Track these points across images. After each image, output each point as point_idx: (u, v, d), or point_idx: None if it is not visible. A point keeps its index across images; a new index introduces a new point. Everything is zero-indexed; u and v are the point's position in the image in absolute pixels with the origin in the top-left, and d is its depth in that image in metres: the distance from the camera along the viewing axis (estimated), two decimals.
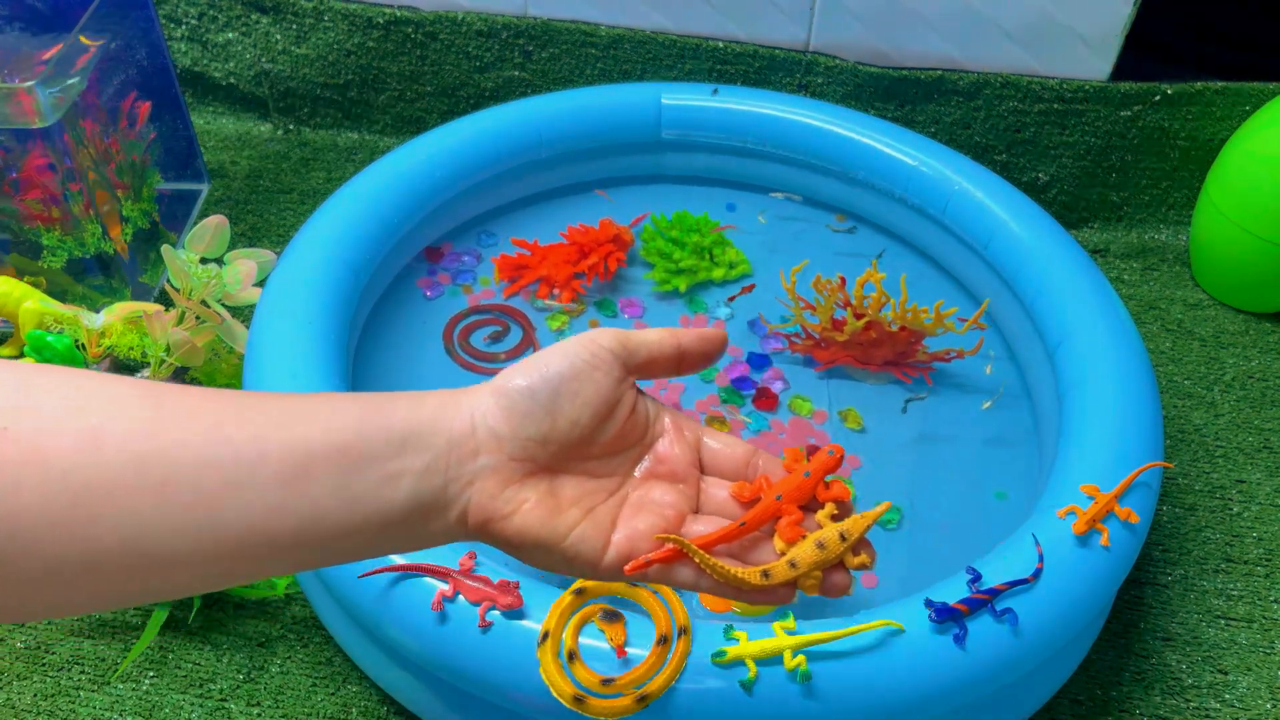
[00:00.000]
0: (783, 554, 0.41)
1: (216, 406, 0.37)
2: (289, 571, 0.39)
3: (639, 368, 0.43)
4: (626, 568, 0.41)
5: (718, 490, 0.44)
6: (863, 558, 0.42)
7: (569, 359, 0.41)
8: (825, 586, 0.41)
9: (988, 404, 0.85)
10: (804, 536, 0.41)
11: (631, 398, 0.43)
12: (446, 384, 0.65)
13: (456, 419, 0.39)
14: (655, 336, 0.43)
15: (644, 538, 0.41)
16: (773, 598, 0.42)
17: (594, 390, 0.41)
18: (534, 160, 0.98)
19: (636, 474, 0.43)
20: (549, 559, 0.41)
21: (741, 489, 0.42)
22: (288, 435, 0.37)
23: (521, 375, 0.41)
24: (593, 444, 0.42)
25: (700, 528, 0.42)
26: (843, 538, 0.41)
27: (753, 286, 0.94)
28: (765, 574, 0.41)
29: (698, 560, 0.40)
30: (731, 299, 0.93)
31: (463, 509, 0.39)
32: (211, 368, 0.84)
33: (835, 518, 0.42)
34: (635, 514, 0.42)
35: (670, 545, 0.40)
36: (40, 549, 0.34)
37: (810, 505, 0.42)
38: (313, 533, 0.37)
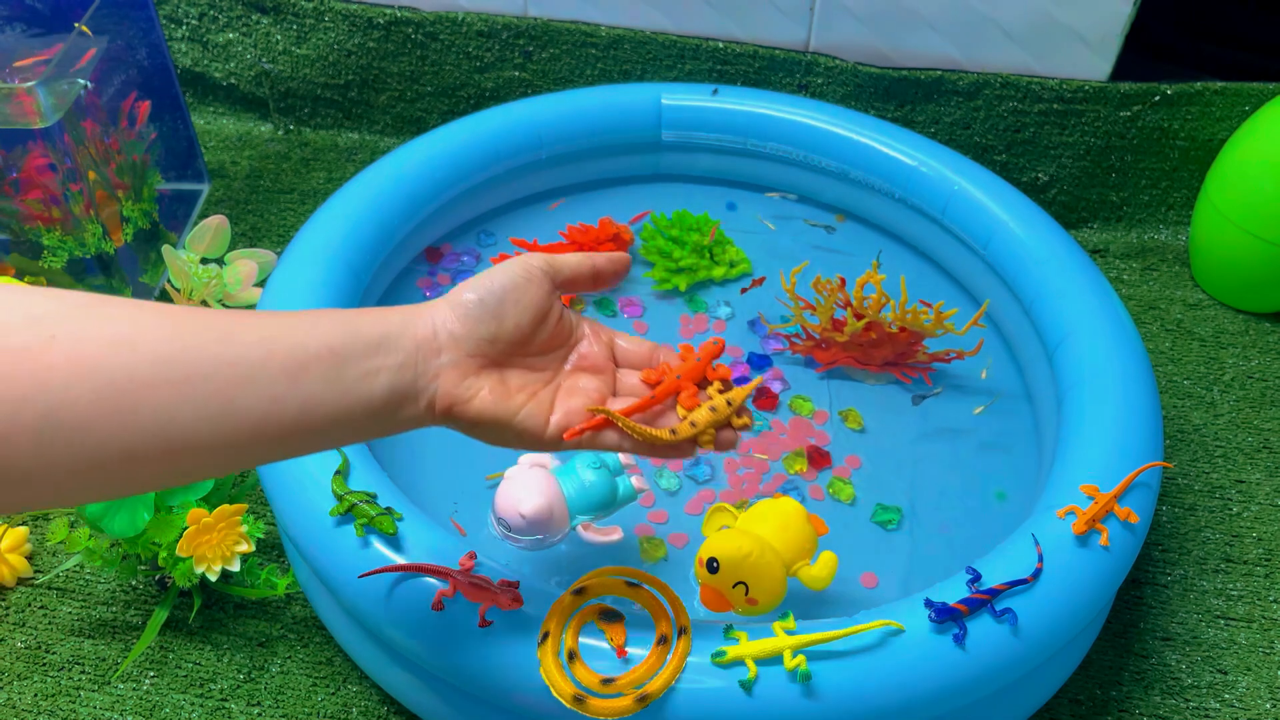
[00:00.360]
0: (684, 418, 0.52)
1: (224, 319, 0.44)
2: (295, 455, 0.46)
3: (564, 283, 0.53)
4: (565, 435, 0.50)
5: (629, 378, 0.54)
6: (745, 419, 0.53)
7: (510, 275, 0.50)
8: (718, 441, 0.53)
9: (979, 410, 0.85)
10: (699, 405, 0.52)
11: (559, 308, 0.53)
12: None
13: (421, 325, 0.48)
14: (575, 259, 0.54)
15: (577, 413, 0.51)
16: (679, 452, 0.53)
17: (530, 299, 0.50)
18: (534, 160, 0.98)
19: (566, 368, 0.53)
20: (503, 435, 0.50)
21: (649, 373, 0.53)
22: (288, 339, 0.44)
23: (471, 290, 0.50)
24: (531, 343, 0.51)
25: (618, 405, 0.52)
26: (729, 404, 0.52)
27: (763, 279, 0.94)
28: (673, 431, 0.52)
29: (621, 424, 0.50)
30: (744, 290, 0.94)
31: (430, 397, 0.48)
32: None
33: (721, 391, 0.53)
34: (568, 396, 0.52)
35: (599, 416, 0.50)
36: (88, 440, 0.40)
37: (703, 385, 0.54)
38: (310, 420, 0.44)
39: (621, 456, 0.71)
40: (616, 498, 0.70)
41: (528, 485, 0.68)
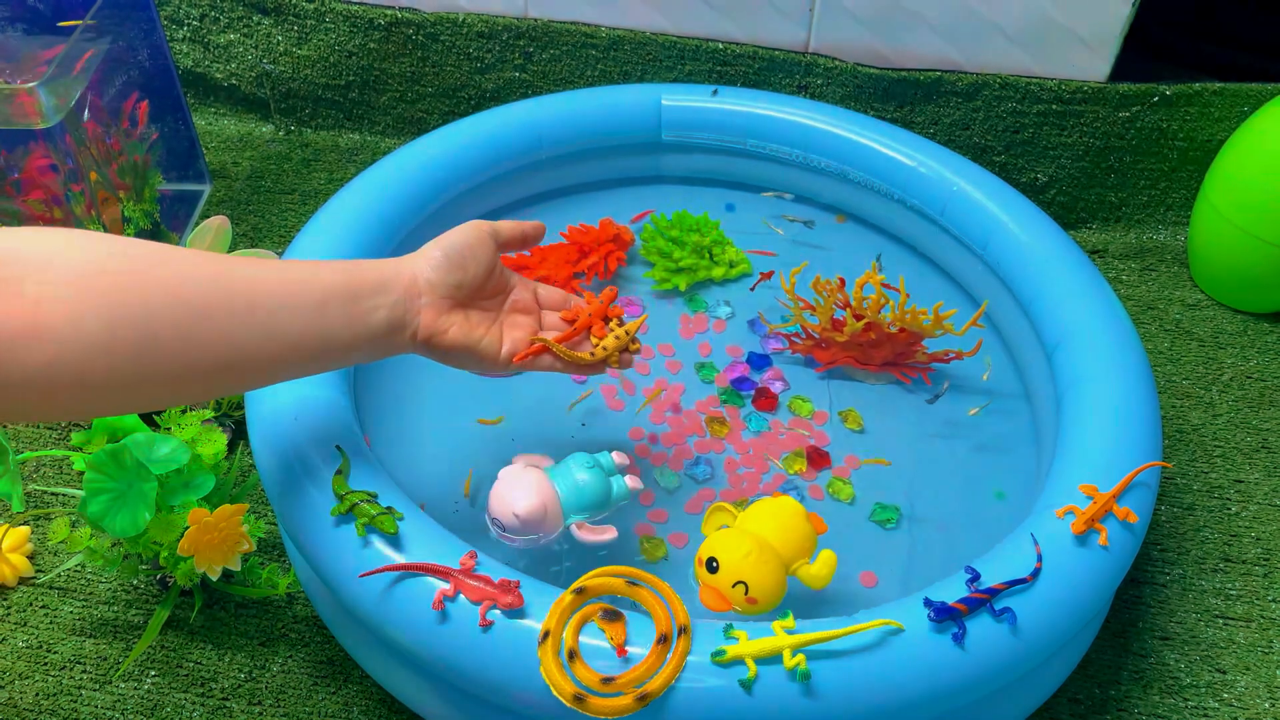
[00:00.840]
0: (596, 344, 0.69)
1: (267, 264, 0.58)
2: (314, 372, 0.61)
3: (503, 244, 0.68)
4: (515, 358, 0.66)
5: (550, 318, 0.70)
6: (636, 345, 0.71)
7: (466, 236, 0.65)
8: (620, 361, 0.70)
9: (974, 411, 0.85)
10: (606, 335, 0.69)
11: (498, 264, 0.67)
12: (450, 382, 0.80)
13: (405, 273, 0.62)
14: (509, 225, 0.69)
15: (520, 342, 0.67)
16: (595, 369, 0.70)
17: (483, 255, 0.65)
18: (534, 161, 0.98)
19: (505, 309, 0.68)
20: (467, 360, 0.65)
21: (567, 313, 0.70)
22: (315, 280, 0.58)
23: (438, 248, 0.64)
24: (484, 289, 0.66)
25: (549, 337, 0.68)
26: (627, 334, 0.70)
27: (771, 274, 0.94)
28: (592, 354, 0.69)
29: (555, 350, 0.67)
30: (753, 288, 0.94)
31: (414, 329, 0.62)
32: None
33: (620, 324, 0.70)
34: (511, 330, 0.67)
35: (539, 343, 0.67)
36: (180, 358, 0.53)
37: (605, 321, 0.70)
38: (330, 345, 0.59)
39: (616, 457, 0.72)
40: (611, 498, 0.70)
41: (521, 485, 0.68)
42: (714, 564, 0.64)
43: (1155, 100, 1.04)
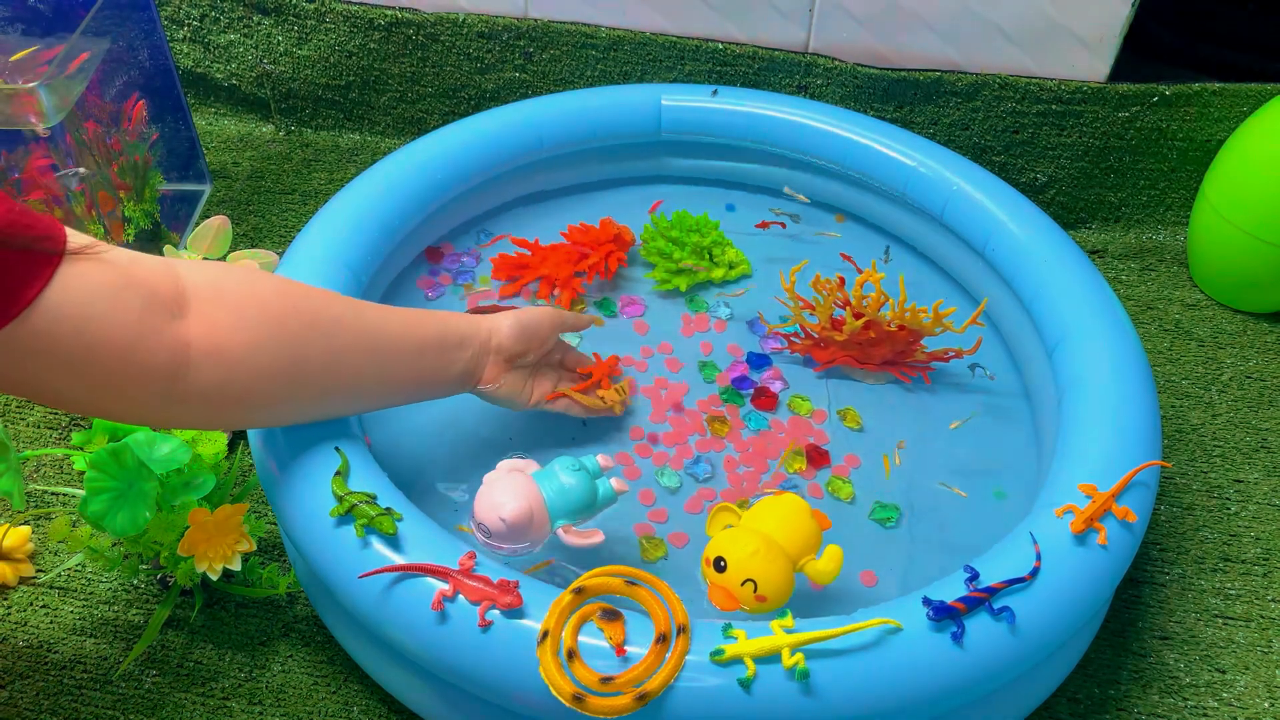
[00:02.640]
0: (602, 397, 0.82)
1: (386, 311, 0.68)
2: (402, 404, 0.72)
3: (568, 328, 0.80)
4: (546, 398, 0.78)
5: (568, 371, 0.83)
6: (625, 397, 0.83)
7: (541, 319, 0.76)
8: (618, 404, 0.82)
9: (956, 425, 0.84)
10: (610, 388, 0.83)
11: (552, 344, 0.79)
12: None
13: (485, 333, 0.73)
14: (575, 316, 0.82)
15: (546, 391, 0.78)
16: (600, 412, 0.81)
17: (549, 336, 0.77)
18: (534, 161, 0.98)
19: (539, 364, 0.79)
20: (506, 403, 0.76)
21: (581, 370, 0.82)
22: (418, 330, 0.68)
23: (518, 323, 0.75)
24: (531, 358, 0.77)
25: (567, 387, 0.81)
26: (621, 390, 0.83)
27: (784, 224, 0.97)
28: (601, 399, 0.82)
29: (573, 397, 0.80)
30: (764, 225, 0.99)
31: (478, 378, 0.73)
32: None
33: (616, 381, 0.84)
34: (540, 381, 0.78)
35: (558, 391, 0.79)
36: (316, 388, 0.63)
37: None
38: (420, 386, 0.70)
39: (600, 459, 0.71)
40: (596, 500, 0.69)
41: (507, 490, 0.67)
42: (722, 563, 0.64)
43: (1155, 100, 1.04)
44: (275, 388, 0.61)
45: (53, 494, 0.82)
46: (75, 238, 0.52)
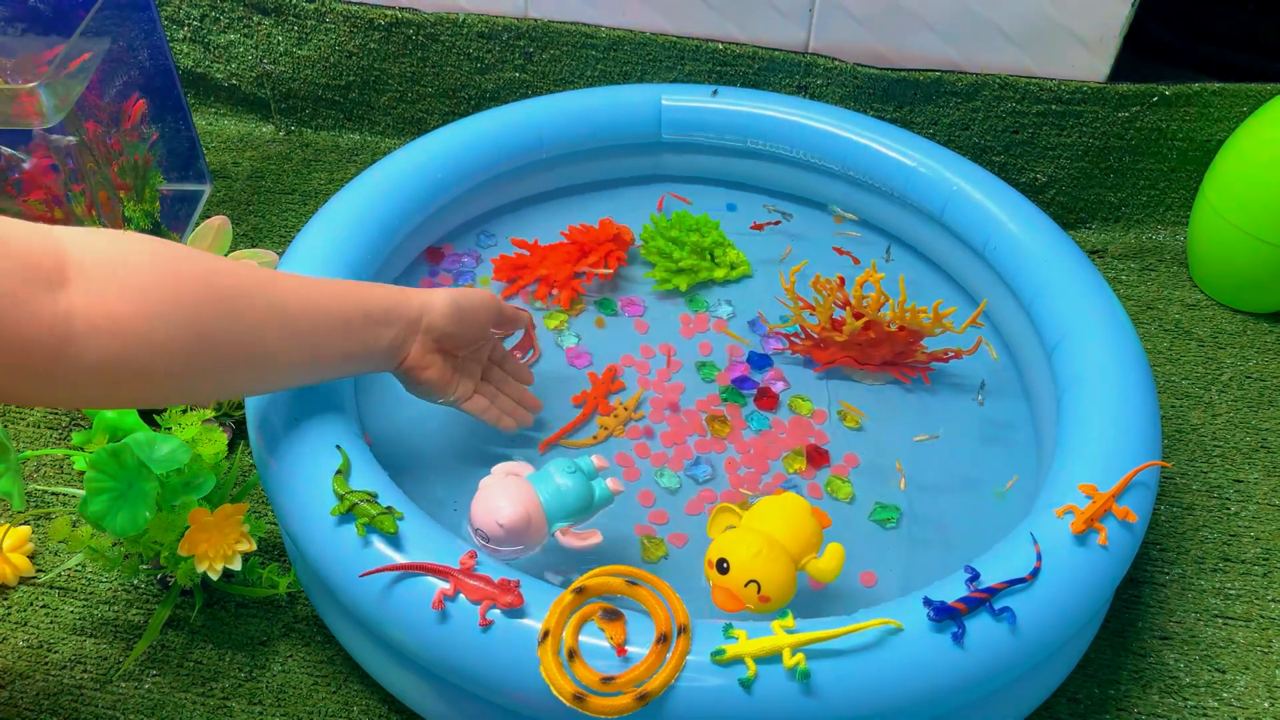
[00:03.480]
0: (601, 427, 0.82)
1: (304, 283, 0.65)
2: (324, 380, 0.69)
3: (500, 322, 0.76)
4: (462, 400, 0.75)
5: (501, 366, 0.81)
6: (627, 416, 0.83)
7: (479, 302, 0.72)
8: (617, 429, 0.82)
9: (924, 441, 0.83)
10: (609, 414, 0.83)
11: (488, 333, 0.75)
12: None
13: (414, 308, 0.69)
14: (511, 310, 0.77)
15: (469, 390, 0.75)
16: (511, 427, 0.79)
17: (484, 321, 0.74)
18: (534, 161, 0.98)
19: (464, 357, 0.75)
20: (428, 393, 0.73)
21: (577, 400, 0.83)
22: (342, 300, 0.65)
23: (453, 301, 0.70)
24: (465, 347, 0.74)
25: (567, 419, 0.83)
26: (626, 410, 0.83)
27: (778, 221, 0.96)
28: (603, 428, 0.82)
29: (564, 443, 0.81)
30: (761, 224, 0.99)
31: (404, 356, 0.69)
32: None
33: (616, 403, 0.84)
34: (463, 379, 0.75)
35: (551, 439, 0.81)
36: (223, 361, 0.59)
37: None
38: (349, 360, 0.66)
39: (595, 460, 0.71)
40: (593, 501, 0.69)
41: (504, 494, 0.67)
42: (725, 565, 0.64)
43: (1154, 100, 1.04)
44: (178, 364, 0.57)
45: (53, 494, 0.82)
46: None
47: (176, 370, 0.57)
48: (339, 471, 0.65)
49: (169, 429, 0.72)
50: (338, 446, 0.66)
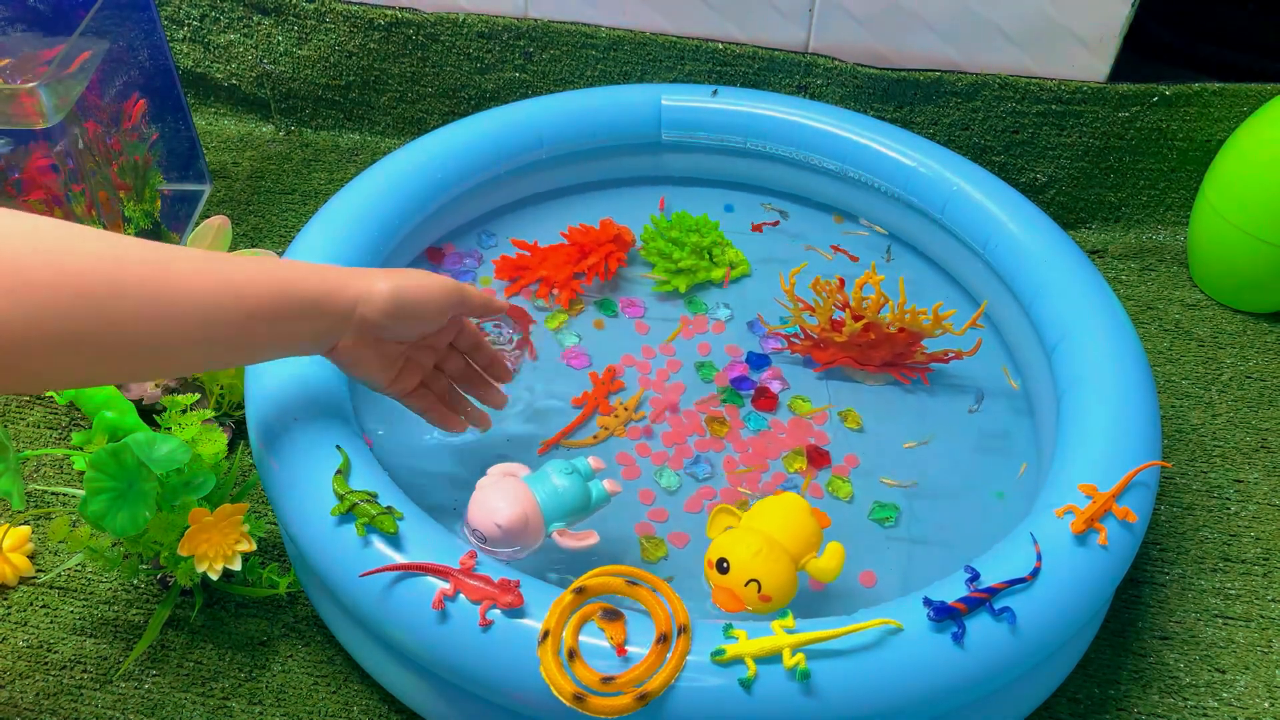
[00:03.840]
0: (601, 428, 0.81)
1: (206, 270, 0.57)
2: (251, 363, 0.70)
3: (468, 312, 0.70)
4: (404, 395, 0.71)
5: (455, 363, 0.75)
6: (627, 417, 0.83)
7: (427, 296, 0.66)
8: (617, 429, 0.81)
9: (911, 444, 0.83)
10: (609, 413, 0.82)
11: (440, 325, 0.69)
12: None
13: (346, 300, 0.63)
14: (481, 298, 0.70)
15: (411, 384, 0.71)
16: (460, 427, 0.75)
17: (434, 319, 0.67)
18: (534, 161, 0.98)
19: (412, 346, 0.70)
20: (367, 382, 0.68)
21: (577, 401, 0.83)
22: (243, 295, 0.58)
23: (394, 296, 0.64)
24: (404, 344, 0.68)
25: (565, 421, 0.82)
26: (626, 410, 0.83)
27: (777, 222, 0.96)
28: (604, 428, 0.81)
29: (564, 444, 0.81)
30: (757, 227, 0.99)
31: (335, 346, 0.64)
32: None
33: (618, 403, 0.84)
34: (409, 371, 0.70)
35: (550, 441, 0.81)
36: (101, 349, 0.54)
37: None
38: (257, 351, 0.62)
39: (592, 461, 0.71)
40: (590, 502, 0.69)
41: (501, 495, 0.67)
42: (725, 565, 0.64)
43: (1155, 100, 1.04)
44: (42, 361, 0.52)
45: (53, 494, 0.82)
46: None
47: (49, 363, 0.53)
48: (339, 471, 0.65)
49: (169, 429, 0.72)
50: (338, 446, 0.66)
